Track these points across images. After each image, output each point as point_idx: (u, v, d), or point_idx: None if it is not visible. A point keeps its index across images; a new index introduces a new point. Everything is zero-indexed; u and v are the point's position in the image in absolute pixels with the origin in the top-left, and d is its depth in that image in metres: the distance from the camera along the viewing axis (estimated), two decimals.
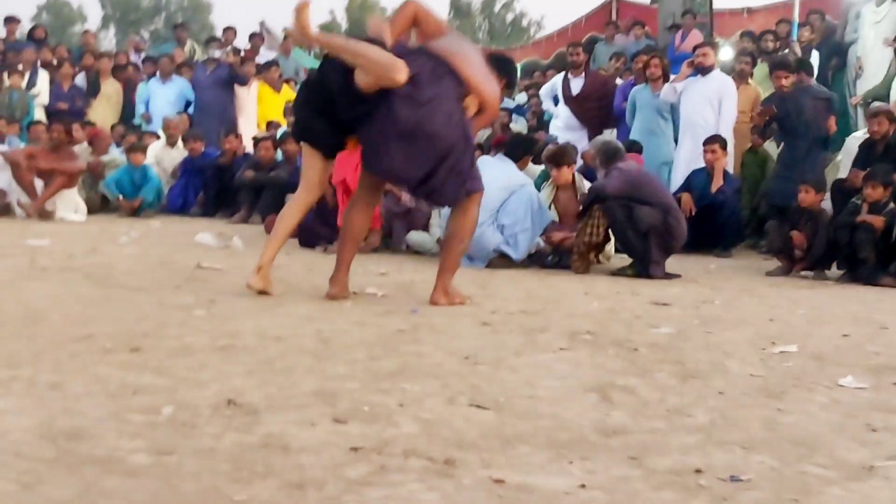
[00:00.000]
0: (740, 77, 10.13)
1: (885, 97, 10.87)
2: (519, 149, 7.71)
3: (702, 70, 9.48)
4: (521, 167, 7.62)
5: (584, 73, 11.07)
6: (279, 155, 10.84)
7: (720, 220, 8.60)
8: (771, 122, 9.38)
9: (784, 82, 9.32)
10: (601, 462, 2.28)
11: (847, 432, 2.65)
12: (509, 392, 2.96)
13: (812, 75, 10.21)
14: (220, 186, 11.14)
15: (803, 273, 7.41)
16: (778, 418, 2.78)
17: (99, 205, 10.92)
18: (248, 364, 3.20)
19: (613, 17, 15.85)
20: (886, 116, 8.62)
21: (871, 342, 4.27)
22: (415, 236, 8.19)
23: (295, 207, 5.13)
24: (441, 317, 4.51)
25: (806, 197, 7.50)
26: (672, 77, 9.90)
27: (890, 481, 2.23)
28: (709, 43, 10.41)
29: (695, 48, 10.09)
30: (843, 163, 9.25)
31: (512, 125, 11.89)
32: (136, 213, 10.55)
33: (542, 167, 8.41)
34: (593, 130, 10.53)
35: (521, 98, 13.72)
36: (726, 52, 11.85)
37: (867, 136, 8.87)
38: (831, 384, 3.28)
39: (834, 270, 7.38)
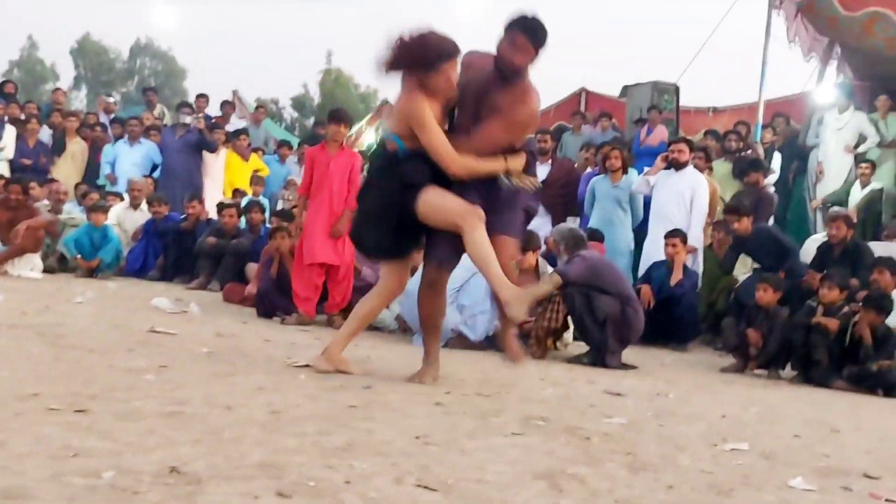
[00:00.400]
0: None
1: (845, 202, 11.14)
2: None
3: (675, 165, 9.61)
4: None
5: (550, 161, 11.20)
6: (242, 223, 10.84)
7: (677, 314, 8.65)
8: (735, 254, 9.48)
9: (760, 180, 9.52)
10: None
11: None
12: (458, 475, 2.93)
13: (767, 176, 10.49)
14: (181, 251, 11.05)
15: (757, 371, 7.46)
16: None
17: (56, 264, 10.78)
18: (196, 432, 3.15)
19: (582, 107, 16.13)
20: (844, 221, 8.81)
21: (821, 444, 4.29)
22: None
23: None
24: (394, 394, 4.47)
25: (763, 296, 7.58)
26: (645, 170, 10.06)
27: None
28: (684, 139, 10.57)
29: (669, 143, 10.23)
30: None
31: None
32: (93, 273, 10.40)
33: None
34: (557, 217, 10.61)
35: None
36: None
37: (826, 239, 9.04)
38: (780, 484, 3.27)
39: (788, 370, 7.43)
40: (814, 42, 12.51)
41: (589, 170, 11.52)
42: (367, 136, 19.46)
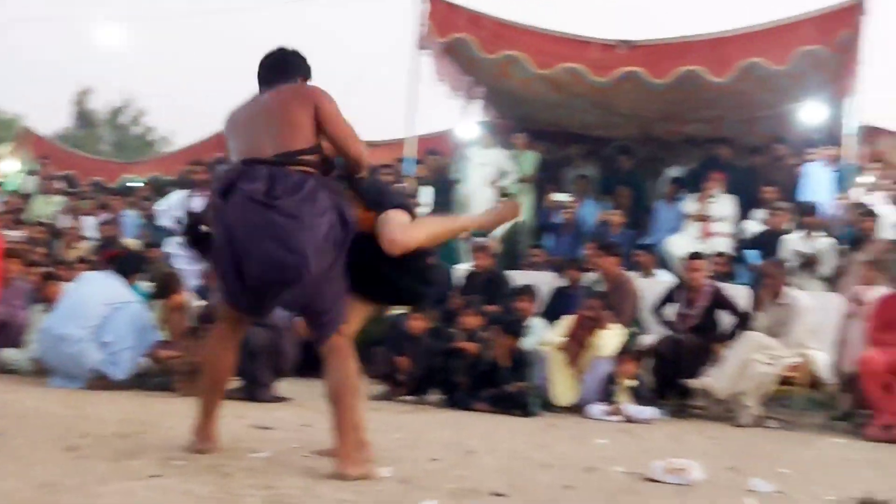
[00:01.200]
0: None
1: (487, 233, 11.74)
2: (129, 265, 7.50)
3: None
4: (130, 283, 7.39)
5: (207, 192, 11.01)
6: None
7: None
8: None
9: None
10: None
11: None
12: None
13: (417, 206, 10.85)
14: None
15: (406, 398, 7.69)
16: None
17: None
18: None
19: None
20: (485, 252, 9.31)
21: (457, 466, 4.45)
22: (7, 353, 7.70)
23: None
24: (25, 440, 4.21)
25: (414, 324, 7.86)
26: None
27: None
28: None
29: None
30: None
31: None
32: None
33: None
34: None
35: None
36: None
37: (471, 268, 9.51)
38: None
39: (433, 395, 7.72)
40: (458, 81, 13.11)
41: None
42: (6, 163, 18.32)
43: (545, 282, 9.60)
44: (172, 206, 11.43)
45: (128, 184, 16.10)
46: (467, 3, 12.01)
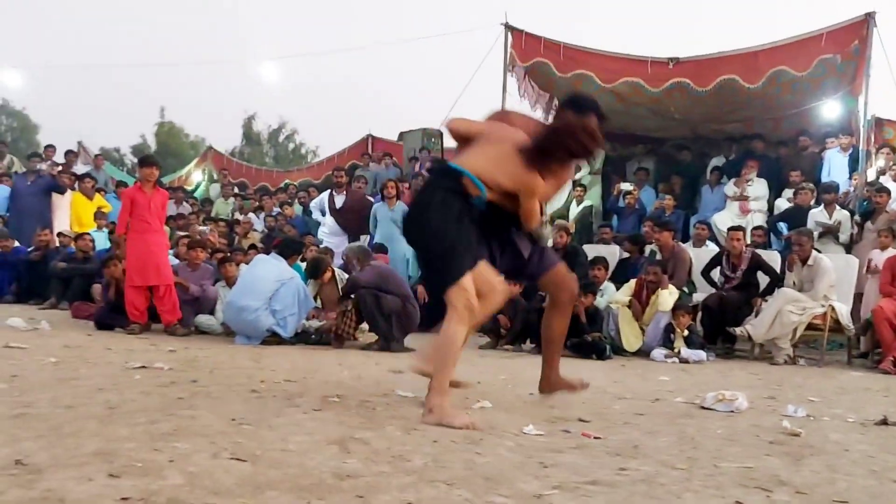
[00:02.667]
0: None
1: (566, 216, 11.62)
2: (289, 249, 7.65)
3: None
4: (291, 263, 7.55)
5: (345, 192, 11.17)
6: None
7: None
8: None
9: None
10: (333, 501, 2.23)
11: (525, 469, 2.73)
12: (265, 447, 2.86)
13: None
14: (33, 277, 10.35)
15: (506, 346, 7.70)
16: (476, 459, 2.82)
17: None
18: (39, 429, 2.92)
19: (369, 149, 16.16)
20: (565, 230, 9.19)
21: (549, 399, 4.43)
22: (202, 319, 7.92)
23: None
24: (216, 386, 4.33)
25: (511, 288, 7.84)
26: None
27: None
28: None
29: None
30: None
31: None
32: None
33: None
34: (352, 236, 10.59)
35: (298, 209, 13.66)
36: None
37: (553, 244, 9.41)
38: (517, 432, 3.37)
39: (528, 345, 7.70)
40: (538, 97, 13.03)
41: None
42: (194, 175, 18.84)
43: (612, 253, 9.49)
44: (320, 203, 11.63)
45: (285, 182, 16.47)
46: (543, 33, 11.93)
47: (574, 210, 12.01)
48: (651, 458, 2.98)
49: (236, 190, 15.76)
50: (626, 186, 11.85)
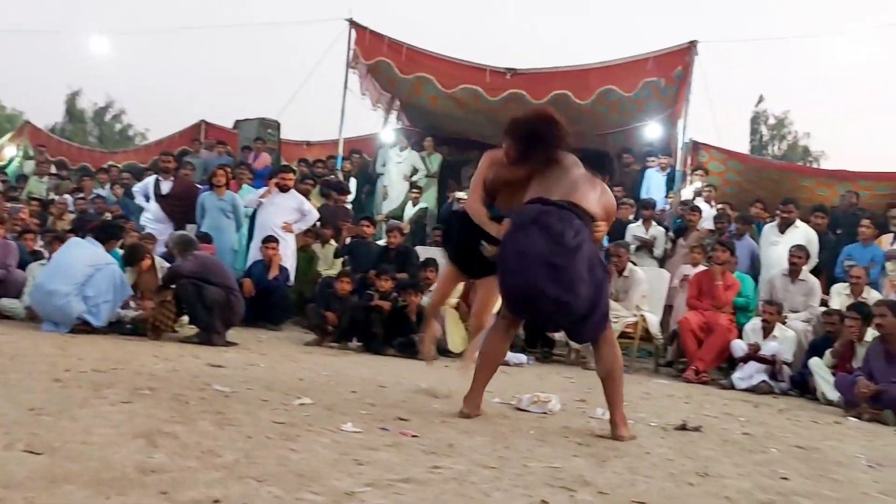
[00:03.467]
0: None
1: (401, 217, 11.75)
2: (106, 233, 7.27)
3: (282, 188, 9.61)
4: (109, 248, 7.17)
5: (173, 178, 10.73)
6: None
7: (272, 301, 8.66)
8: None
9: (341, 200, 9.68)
10: (134, 497, 2.14)
11: (339, 466, 2.72)
12: (66, 438, 2.70)
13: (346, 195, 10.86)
14: None
15: (332, 344, 7.65)
16: (289, 456, 2.79)
17: None
18: None
19: (201, 135, 15.62)
20: (398, 231, 9.30)
21: (371, 397, 4.44)
22: (5, 302, 7.41)
23: None
24: (17, 374, 4.05)
25: (341, 286, 7.83)
26: (262, 189, 9.96)
27: (363, 503, 2.32)
28: (290, 168, 10.63)
29: (279, 171, 10.12)
30: None
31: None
32: None
33: None
34: (177, 224, 10.18)
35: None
36: None
37: (386, 244, 9.49)
38: (335, 429, 3.36)
39: (354, 343, 7.68)
40: (379, 96, 13.06)
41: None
42: (7, 150, 17.53)
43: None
44: (144, 188, 11.11)
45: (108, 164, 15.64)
46: (387, 31, 11.97)
47: (409, 211, 12.12)
48: (464, 457, 3.05)
49: (53, 169, 14.77)
50: (461, 194, 12.06)
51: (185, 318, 7.13)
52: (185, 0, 51.83)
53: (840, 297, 8.12)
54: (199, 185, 11.02)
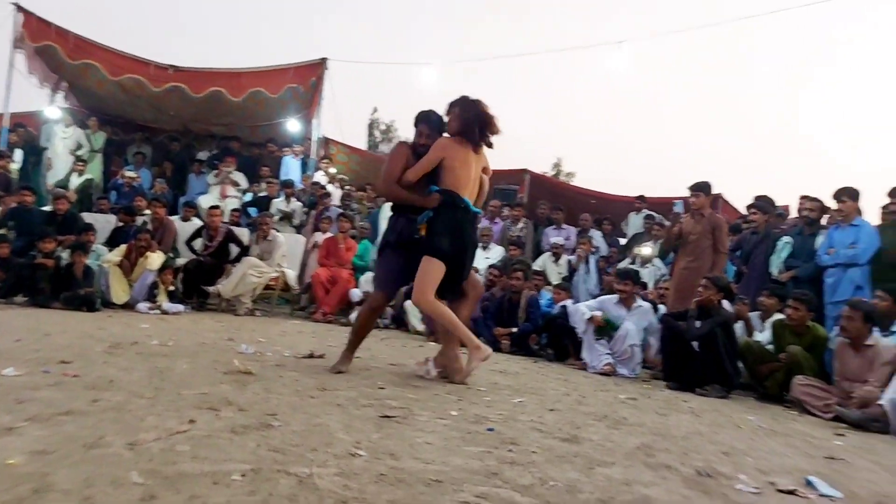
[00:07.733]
0: None
1: (67, 187, 10.35)
2: None
3: None
4: None
5: None
6: None
7: None
8: None
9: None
10: None
11: None
12: None
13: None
14: None
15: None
16: None
17: None
18: None
19: None
20: (65, 199, 8.19)
21: (36, 344, 3.94)
22: None
23: None
24: None
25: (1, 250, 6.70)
26: None
27: (22, 436, 2.06)
28: None
29: None
30: None
31: None
32: None
33: None
34: None
35: None
36: None
37: (53, 209, 8.28)
38: None
39: (21, 298, 6.66)
40: (47, 76, 11.34)
41: None
42: None
43: (109, 221, 8.72)
44: None
45: None
46: (56, 19, 10.40)
47: (74, 181, 10.70)
48: (123, 390, 2.85)
49: None
50: (130, 173, 10.95)
51: None
52: None
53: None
54: None
